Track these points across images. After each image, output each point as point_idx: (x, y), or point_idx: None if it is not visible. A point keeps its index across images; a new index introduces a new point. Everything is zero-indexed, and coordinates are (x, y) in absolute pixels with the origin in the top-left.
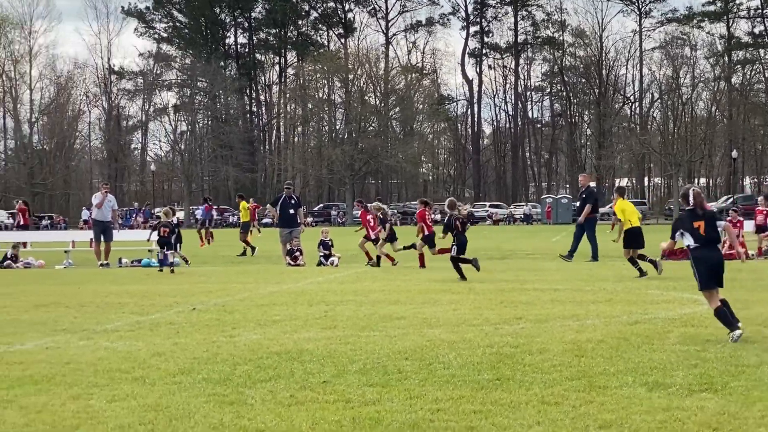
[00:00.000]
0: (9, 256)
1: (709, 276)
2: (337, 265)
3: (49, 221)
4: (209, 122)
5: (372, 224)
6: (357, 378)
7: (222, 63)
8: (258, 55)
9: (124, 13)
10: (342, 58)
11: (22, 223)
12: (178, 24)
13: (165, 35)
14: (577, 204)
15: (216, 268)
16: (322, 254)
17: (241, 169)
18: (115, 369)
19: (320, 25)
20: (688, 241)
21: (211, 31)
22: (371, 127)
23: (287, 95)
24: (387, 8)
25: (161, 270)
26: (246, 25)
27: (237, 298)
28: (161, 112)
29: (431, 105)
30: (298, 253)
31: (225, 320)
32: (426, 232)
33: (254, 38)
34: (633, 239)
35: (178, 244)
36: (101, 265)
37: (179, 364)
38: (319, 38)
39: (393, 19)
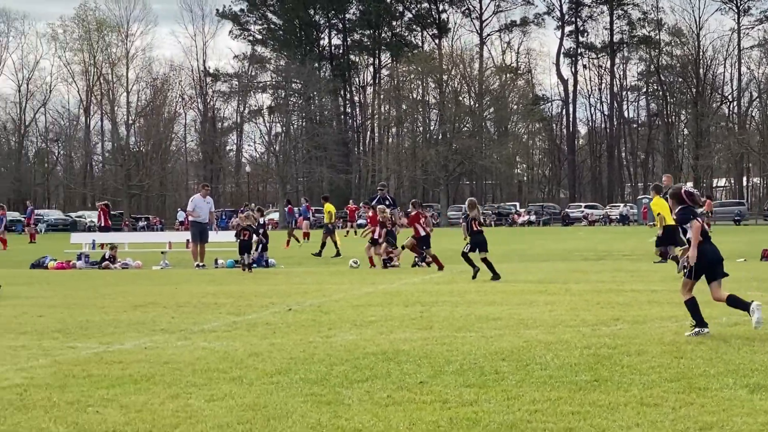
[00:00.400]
0: (107, 257)
1: (700, 270)
2: (429, 266)
3: (145, 222)
4: (303, 123)
5: (373, 228)
6: (454, 378)
7: (316, 64)
8: (352, 57)
9: (219, 16)
10: (436, 58)
11: (103, 224)
12: (272, 26)
13: (260, 37)
14: None
15: (311, 268)
16: (417, 255)
17: (336, 171)
18: (212, 369)
19: (414, 26)
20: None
21: (306, 32)
22: (465, 128)
23: (381, 96)
24: (481, 8)
25: (248, 270)
26: (340, 26)
27: (332, 298)
28: (256, 113)
29: (526, 105)
30: (392, 256)
31: (321, 321)
32: (422, 233)
33: (348, 39)
34: (669, 237)
35: (261, 246)
36: (197, 266)
37: (276, 365)
38: (413, 39)
39: (487, 19)
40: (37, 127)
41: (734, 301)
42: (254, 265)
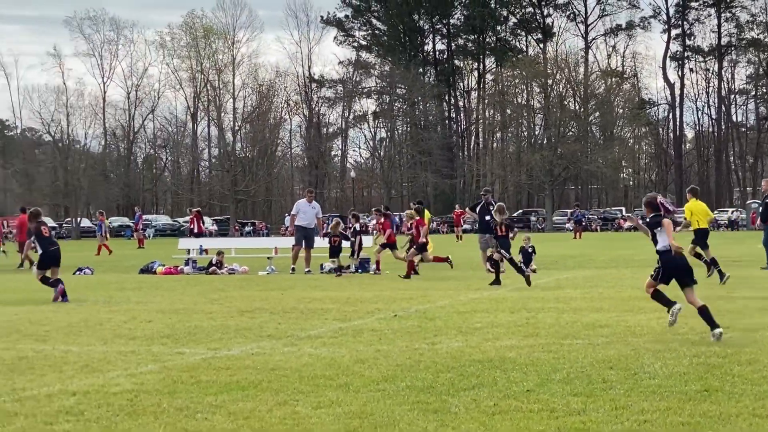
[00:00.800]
0: (214, 263)
1: (668, 276)
2: (535, 272)
3: (251, 228)
4: (408, 129)
5: (387, 232)
6: (561, 387)
7: (420, 69)
8: (456, 61)
9: (323, 23)
10: (541, 63)
11: (196, 231)
12: (377, 32)
13: (364, 43)
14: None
15: (416, 274)
16: (521, 261)
17: (440, 175)
18: (319, 375)
19: (519, 31)
20: (663, 243)
21: (410, 38)
22: (571, 132)
23: (486, 101)
24: (586, 12)
25: (336, 275)
26: (444, 31)
27: (437, 305)
28: (361, 119)
29: (632, 109)
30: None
31: (426, 327)
32: (423, 241)
33: (453, 44)
34: (701, 239)
35: (358, 251)
36: (306, 272)
37: (382, 372)
38: (517, 43)
39: (593, 23)
40: (146, 134)
41: (705, 314)
42: (359, 270)
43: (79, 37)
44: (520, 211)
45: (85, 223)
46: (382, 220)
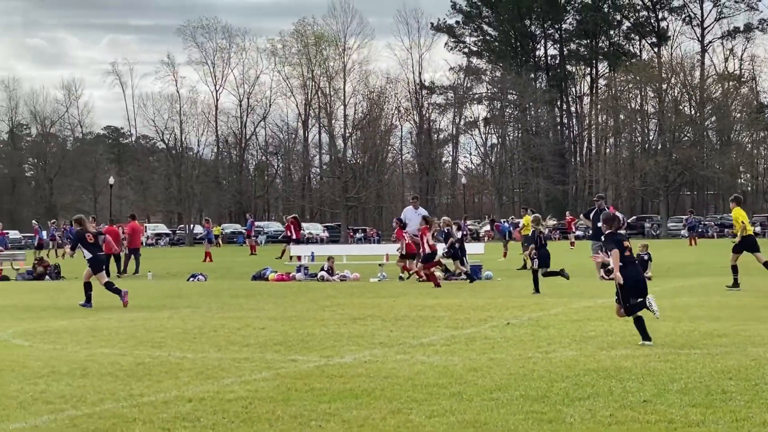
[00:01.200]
0: (325, 269)
1: (627, 295)
2: (650, 279)
3: (362, 234)
4: (519, 134)
5: (407, 241)
6: (678, 398)
7: (532, 75)
8: (568, 67)
9: (434, 29)
10: (655, 67)
11: (294, 237)
12: (488, 37)
13: (475, 49)
14: None
15: (528, 282)
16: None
17: (552, 182)
18: (432, 384)
19: (632, 35)
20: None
21: (521, 43)
22: (686, 137)
23: (598, 106)
24: (702, 15)
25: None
26: (556, 36)
27: (551, 313)
28: (472, 125)
29: (750, 113)
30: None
31: (539, 336)
32: (428, 251)
33: (565, 49)
34: (748, 245)
35: (462, 257)
36: (411, 277)
37: (496, 380)
38: (631, 48)
39: (709, 26)
40: (257, 141)
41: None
42: (462, 277)
43: (192, 46)
44: (634, 217)
45: (198, 229)
46: (397, 230)
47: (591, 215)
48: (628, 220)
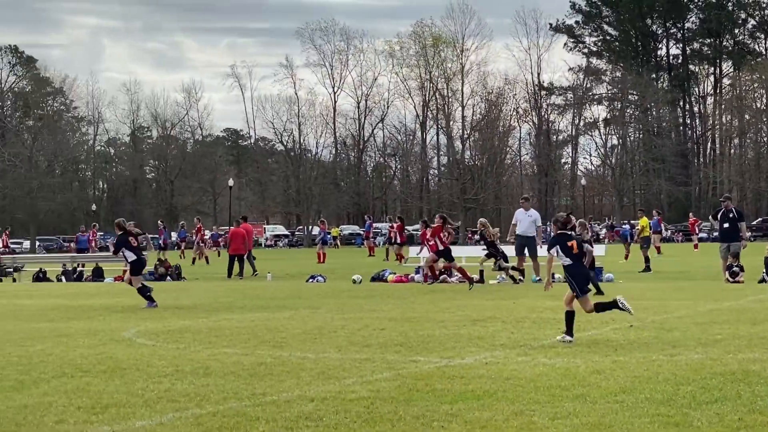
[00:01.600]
0: (443, 271)
1: (584, 285)
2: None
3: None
4: (640, 135)
5: (431, 243)
6: None
7: (653, 75)
8: (691, 66)
9: (552, 30)
10: None
11: (399, 240)
12: (608, 37)
13: (595, 49)
14: None
15: (651, 284)
16: (765, 271)
17: (674, 183)
18: (554, 386)
19: (758, 33)
20: (565, 260)
21: (643, 43)
22: None
23: (722, 106)
24: None
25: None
26: (679, 35)
27: (675, 315)
28: (591, 126)
29: None
30: (737, 269)
31: (664, 338)
32: (440, 247)
33: (687, 49)
34: None
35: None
36: (535, 280)
37: (620, 383)
38: (756, 47)
39: None
40: (375, 142)
41: (601, 307)
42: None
43: (311, 48)
44: (760, 219)
45: (317, 231)
46: (422, 231)
47: (718, 216)
48: (753, 222)
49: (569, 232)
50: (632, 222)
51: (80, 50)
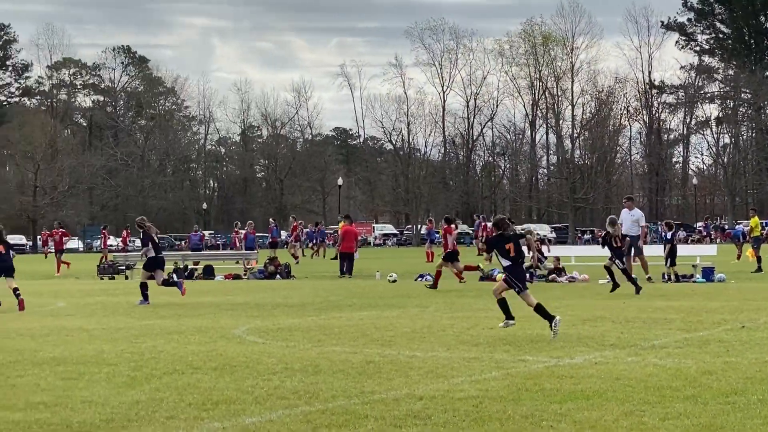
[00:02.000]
0: (553, 270)
1: (523, 281)
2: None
3: (590, 236)
4: (753, 134)
5: (447, 243)
6: None
7: (767, 73)
8: None
9: (664, 28)
10: None
11: (485, 240)
12: (720, 35)
13: (707, 47)
14: None
15: (763, 284)
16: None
17: None
18: (665, 386)
19: None
20: (503, 261)
21: (756, 40)
22: None
23: None
24: None
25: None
26: None
27: None
28: (703, 124)
29: None
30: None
31: None
32: (449, 249)
33: None
34: None
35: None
36: (648, 278)
37: (732, 384)
38: None
39: None
40: (484, 141)
41: (541, 312)
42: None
43: (420, 47)
44: None
45: (425, 230)
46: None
47: None
48: None
49: (507, 234)
50: (744, 222)
51: (191, 50)
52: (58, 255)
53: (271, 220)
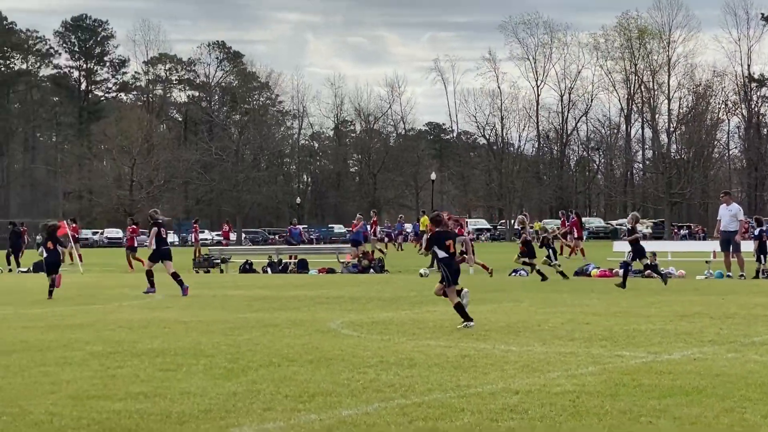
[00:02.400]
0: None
1: (455, 277)
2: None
3: (687, 231)
4: None
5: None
6: None
7: None
8: None
9: (764, 20)
10: None
11: (576, 236)
12: None
13: None
14: None
15: None
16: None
17: None
18: (767, 383)
19: None
20: (441, 254)
21: None
22: None
23: None
24: None
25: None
26: None
27: None
28: None
29: None
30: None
31: None
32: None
33: None
34: None
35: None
36: (741, 276)
37: None
38: None
39: None
40: (579, 136)
41: (460, 310)
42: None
43: (514, 41)
44: None
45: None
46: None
47: None
48: None
49: (448, 230)
50: None
51: (284, 45)
52: (129, 252)
53: (372, 212)
